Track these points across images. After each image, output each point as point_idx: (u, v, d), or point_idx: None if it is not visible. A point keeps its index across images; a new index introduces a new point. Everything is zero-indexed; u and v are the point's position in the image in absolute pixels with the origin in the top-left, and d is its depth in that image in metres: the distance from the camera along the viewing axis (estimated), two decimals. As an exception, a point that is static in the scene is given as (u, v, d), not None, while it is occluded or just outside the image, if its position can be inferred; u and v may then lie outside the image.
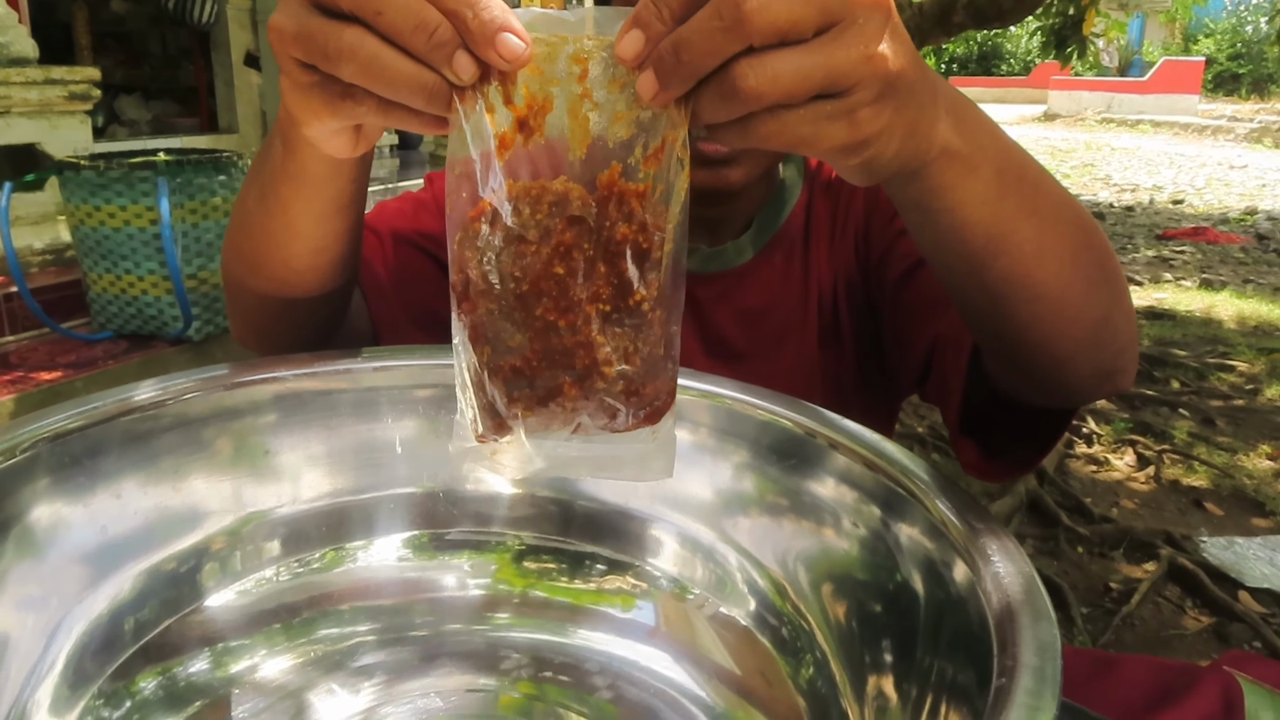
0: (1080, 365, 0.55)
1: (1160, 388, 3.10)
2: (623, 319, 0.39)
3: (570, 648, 0.59)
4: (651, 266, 0.39)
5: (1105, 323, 0.54)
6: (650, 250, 0.39)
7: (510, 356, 0.39)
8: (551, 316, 0.39)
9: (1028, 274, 0.50)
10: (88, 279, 2.38)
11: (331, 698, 0.55)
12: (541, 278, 0.38)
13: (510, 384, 0.40)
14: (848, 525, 0.53)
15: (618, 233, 0.38)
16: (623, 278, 0.39)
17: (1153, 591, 1.96)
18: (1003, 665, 0.38)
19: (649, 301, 0.39)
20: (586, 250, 0.39)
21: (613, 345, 0.39)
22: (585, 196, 0.38)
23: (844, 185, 0.84)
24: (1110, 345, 0.55)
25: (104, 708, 0.50)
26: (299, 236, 0.59)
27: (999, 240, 0.48)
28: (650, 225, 0.39)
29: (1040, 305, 0.51)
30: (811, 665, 0.53)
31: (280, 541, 0.59)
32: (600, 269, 0.39)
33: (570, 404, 0.40)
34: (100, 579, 0.52)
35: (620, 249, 0.39)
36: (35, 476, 0.50)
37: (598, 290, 0.39)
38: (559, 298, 0.39)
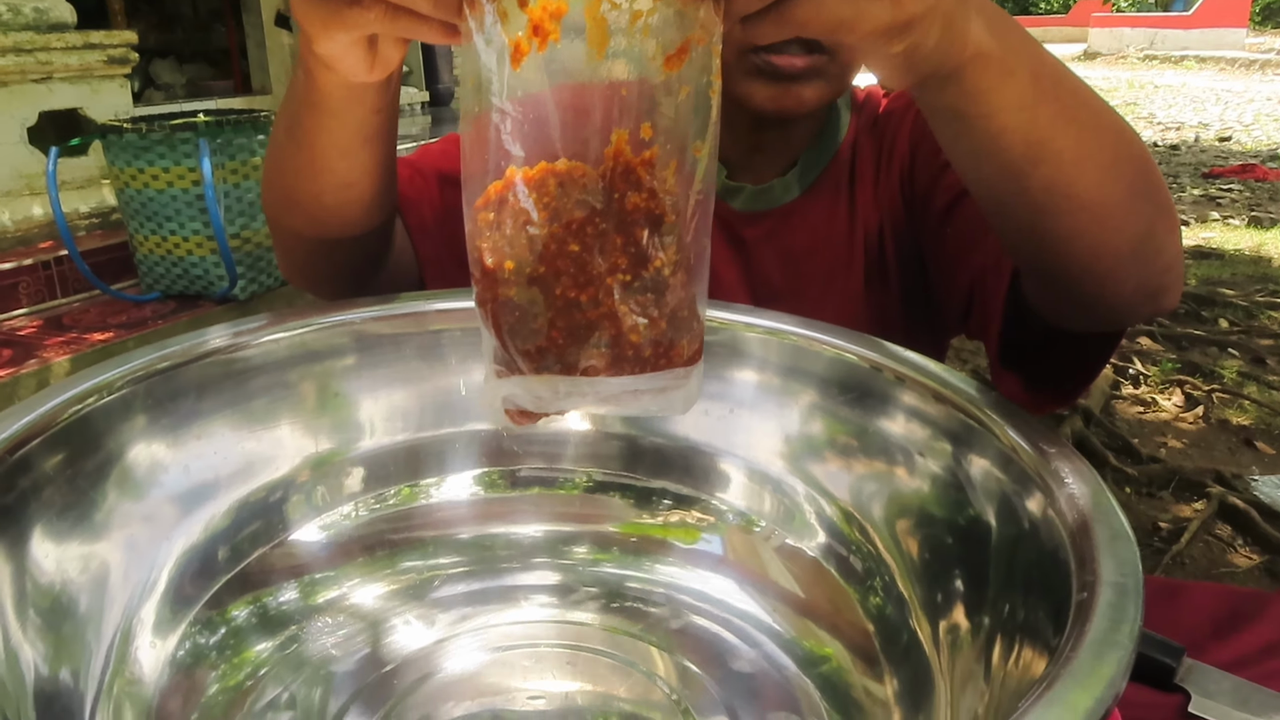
0: (1123, 282, 0.53)
1: (1208, 327, 3.04)
2: (644, 286, 0.39)
3: (639, 579, 0.61)
4: (667, 231, 0.39)
5: (1149, 237, 0.52)
6: (663, 215, 0.39)
7: (535, 339, 0.40)
8: (572, 294, 0.39)
9: (1069, 184, 0.49)
10: (134, 241, 2.42)
11: (408, 628, 0.57)
12: (557, 257, 0.38)
13: (538, 364, 0.40)
14: (919, 462, 0.53)
15: (628, 203, 0.38)
16: (639, 246, 0.39)
17: (1202, 530, 1.95)
18: (1082, 581, 0.38)
19: (668, 266, 0.39)
20: (599, 224, 0.39)
21: (637, 312, 0.40)
22: (590, 173, 0.38)
23: (889, 121, 0.83)
24: (1154, 261, 0.53)
25: (200, 633, 0.53)
26: (325, 171, 0.59)
27: (1038, 147, 0.47)
28: (660, 191, 0.39)
29: (1082, 217, 0.50)
30: (880, 592, 0.54)
31: (359, 478, 0.61)
32: (616, 240, 0.39)
33: (599, 373, 0.41)
34: (195, 509, 0.55)
35: (634, 218, 0.39)
36: (132, 415, 0.53)
37: (615, 261, 0.39)
38: (577, 274, 0.39)
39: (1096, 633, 0.35)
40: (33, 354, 2.21)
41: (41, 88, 2.62)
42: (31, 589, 0.47)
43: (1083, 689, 0.33)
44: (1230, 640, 0.62)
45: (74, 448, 0.51)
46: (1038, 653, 0.40)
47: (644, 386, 0.40)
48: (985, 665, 0.44)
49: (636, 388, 0.40)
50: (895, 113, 0.83)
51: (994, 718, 0.41)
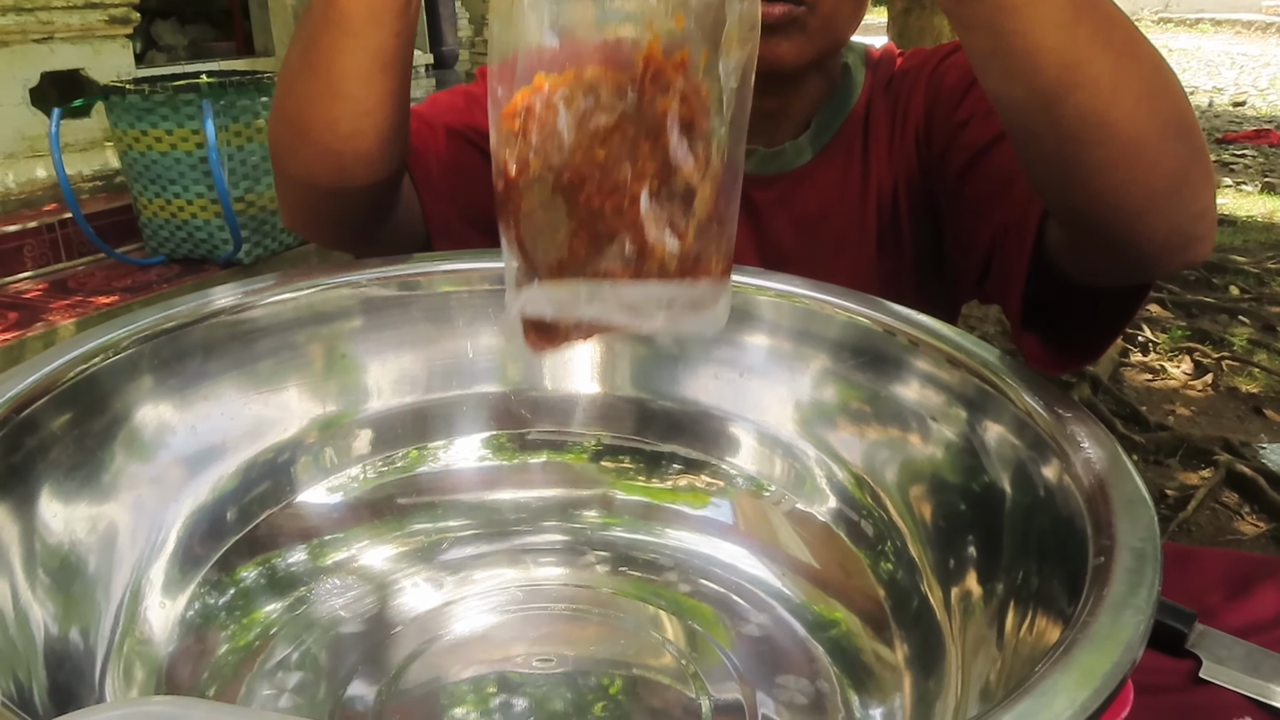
0: (1155, 224, 0.52)
1: (1219, 294, 3.02)
2: (672, 195, 0.38)
3: (648, 544, 0.61)
4: (698, 138, 0.37)
5: (1183, 178, 0.51)
6: (694, 120, 0.37)
7: (558, 251, 0.38)
8: (596, 202, 0.38)
9: (1103, 112, 0.47)
10: (138, 204, 2.41)
11: (417, 590, 0.57)
12: (583, 164, 0.37)
13: (559, 276, 0.39)
14: (933, 428, 0.53)
15: (658, 107, 0.37)
16: (668, 152, 0.37)
17: (1209, 498, 1.95)
18: (1099, 546, 0.38)
19: (698, 174, 0.38)
20: (628, 130, 0.37)
21: (663, 222, 0.38)
22: (620, 78, 0.37)
23: (904, 81, 0.82)
24: (1188, 205, 0.52)
25: (210, 594, 0.53)
26: (342, 96, 0.59)
27: (1072, 70, 0.46)
28: (690, 95, 0.37)
29: (1114, 148, 0.48)
30: (891, 557, 0.54)
31: (367, 440, 0.61)
32: (644, 146, 0.37)
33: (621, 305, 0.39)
34: (203, 470, 0.55)
35: (663, 123, 0.37)
36: (139, 376, 0.52)
37: (643, 169, 0.37)
38: (602, 181, 0.37)
39: (1114, 597, 0.35)
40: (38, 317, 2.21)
41: (43, 48, 2.59)
42: (40, 549, 0.47)
43: (1100, 653, 0.32)
44: (1241, 606, 0.62)
45: (81, 407, 0.50)
46: (1051, 620, 0.40)
47: (670, 295, 0.39)
48: (998, 632, 0.44)
49: (661, 296, 0.39)
50: (910, 72, 0.81)
51: (1006, 684, 0.41)
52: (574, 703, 0.49)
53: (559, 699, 0.49)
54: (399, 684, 0.50)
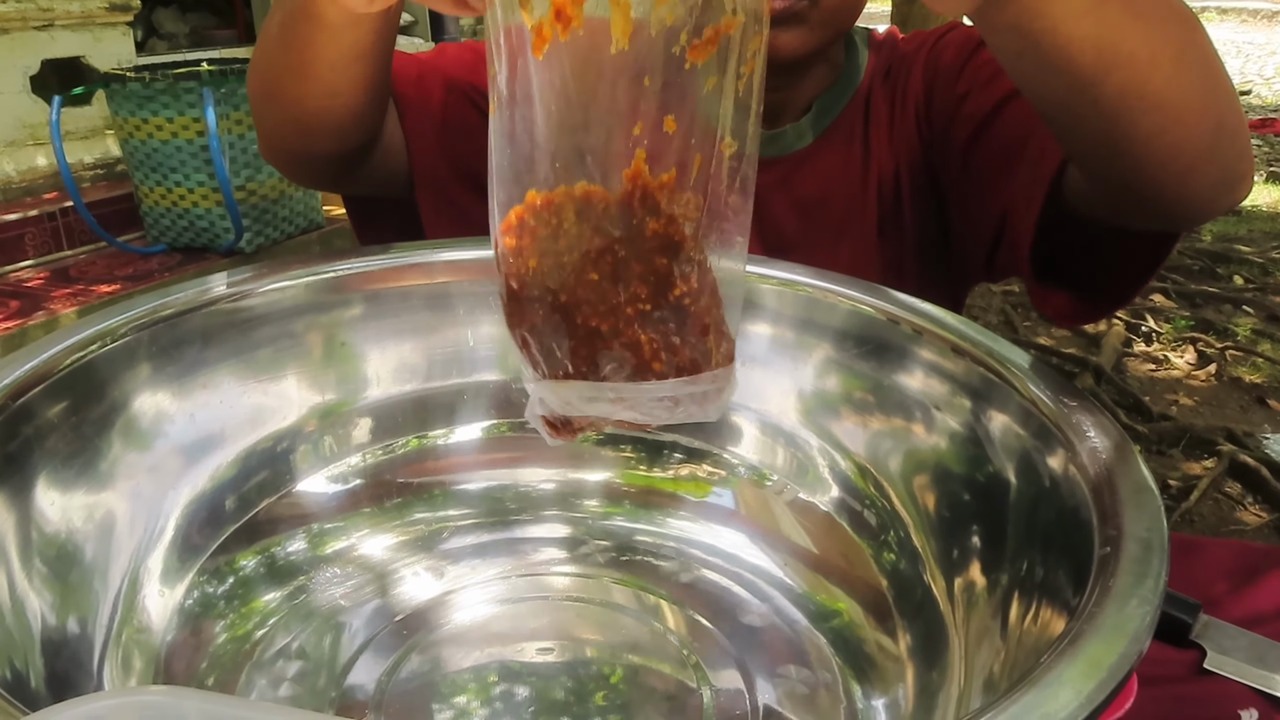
0: (1204, 174, 0.51)
1: (1223, 284, 3.01)
2: (665, 315, 0.38)
3: (649, 533, 0.60)
4: (685, 259, 0.38)
5: (1222, 125, 0.50)
6: (682, 242, 0.38)
7: (560, 365, 0.39)
8: (594, 322, 0.38)
9: (1142, 84, 0.46)
10: (139, 192, 2.40)
11: (417, 579, 0.57)
12: (578, 286, 0.38)
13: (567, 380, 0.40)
14: (937, 418, 0.52)
15: (647, 229, 0.37)
16: (658, 274, 0.38)
17: (1212, 488, 1.95)
18: (1105, 536, 0.37)
19: (689, 295, 0.38)
20: (618, 251, 0.37)
21: (659, 342, 0.39)
22: (607, 197, 0.37)
23: (902, 64, 0.81)
24: (1231, 148, 0.51)
25: (208, 583, 0.53)
26: (312, 78, 0.58)
27: (1109, 52, 0.45)
28: (678, 217, 0.37)
29: (1158, 116, 0.48)
30: (894, 548, 0.53)
31: (367, 429, 0.61)
32: (635, 268, 0.38)
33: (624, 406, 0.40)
34: (201, 458, 0.55)
35: (652, 245, 0.37)
36: (136, 364, 0.52)
37: (635, 290, 0.38)
38: (598, 303, 0.38)
39: (1121, 587, 0.34)
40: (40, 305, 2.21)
41: (43, 35, 2.58)
42: (37, 537, 0.46)
43: (1106, 644, 0.32)
44: (1246, 596, 0.62)
45: (78, 395, 0.50)
46: (1056, 611, 0.39)
47: (672, 392, 0.40)
48: (1002, 622, 0.44)
49: (663, 394, 0.39)
50: (908, 55, 0.80)
51: (1010, 675, 0.40)
52: (575, 691, 0.49)
53: (560, 688, 0.49)
54: (399, 673, 0.50)
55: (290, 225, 2.47)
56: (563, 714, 0.48)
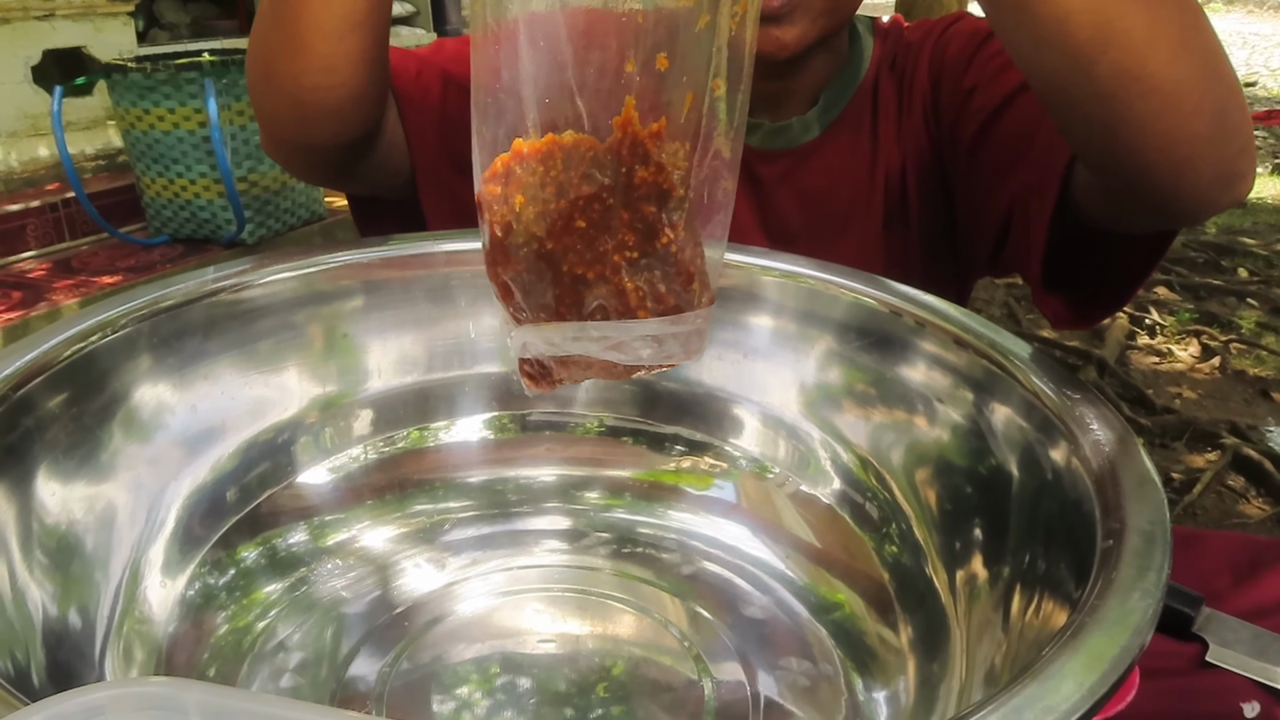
0: (1201, 168, 0.51)
1: (1227, 277, 3.00)
2: (651, 263, 0.38)
3: (651, 525, 0.60)
4: (675, 206, 0.38)
5: (1223, 117, 0.50)
6: (671, 190, 0.37)
7: (543, 312, 0.39)
8: (579, 270, 0.38)
9: (1140, 65, 0.46)
10: (141, 183, 2.40)
11: (418, 571, 0.57)
12: (564, 233, 0.37)
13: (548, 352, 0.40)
14: (940, 410, 0.52)
15: (636, 178, 0.37)
16: (646, 222, 0.38)
17: (1215, 481, 1.94)
18: (1108, 529, 0.37)
19: (676, 243, 0.38)
20: (606, 200, 0.37)
21: (644, 288, 0.39)
22: (596, 145, 0.37)
23: (908, 55, 0.80)
24: (1230, 143, 0.51)
25: (210, 574, 0.53)
26: (306, 50, 0.57)
27: (1105, 29, 0.45)
28: (668, 165, 0.37)
29: (1156, 99, 0.47)
30: (896, 540, 0.53)
31: (368, 421, 0.61)
32: (623, 216, 0.37)
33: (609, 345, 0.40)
34: (202, 450, 0.55)
35: (641, 193, 0.37)
36: (136, 355, 0.52)
37: (623, 238, 0.38)
38: (584, 251, 0.38)
39: (1123, 580, 0.34)
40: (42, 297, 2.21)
41: (45, 25, 2.58)
42: (38, 528, 0.46)
43: (1108, 636, 0.32)
44: (1249, 589, 0.61)
45: (78, 386, 0.50)
46: (1059, 604, 0.39)
47: (656, 331, 0.39)
48: (1004, 615, 0.44)
49: (647, 332, 0.39)
50: (913, 45, 0.80)
51: (1012, 668, 0.40)
52: (576, 683, 0.49)
53: (561, 680, 0.49)
54: (401, 665, 0.50)
55: (292, 217, 2.47)
56: (564, 706, 0.48)
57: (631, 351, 0.39)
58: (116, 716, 0.26)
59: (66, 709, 0.25)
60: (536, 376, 0.41)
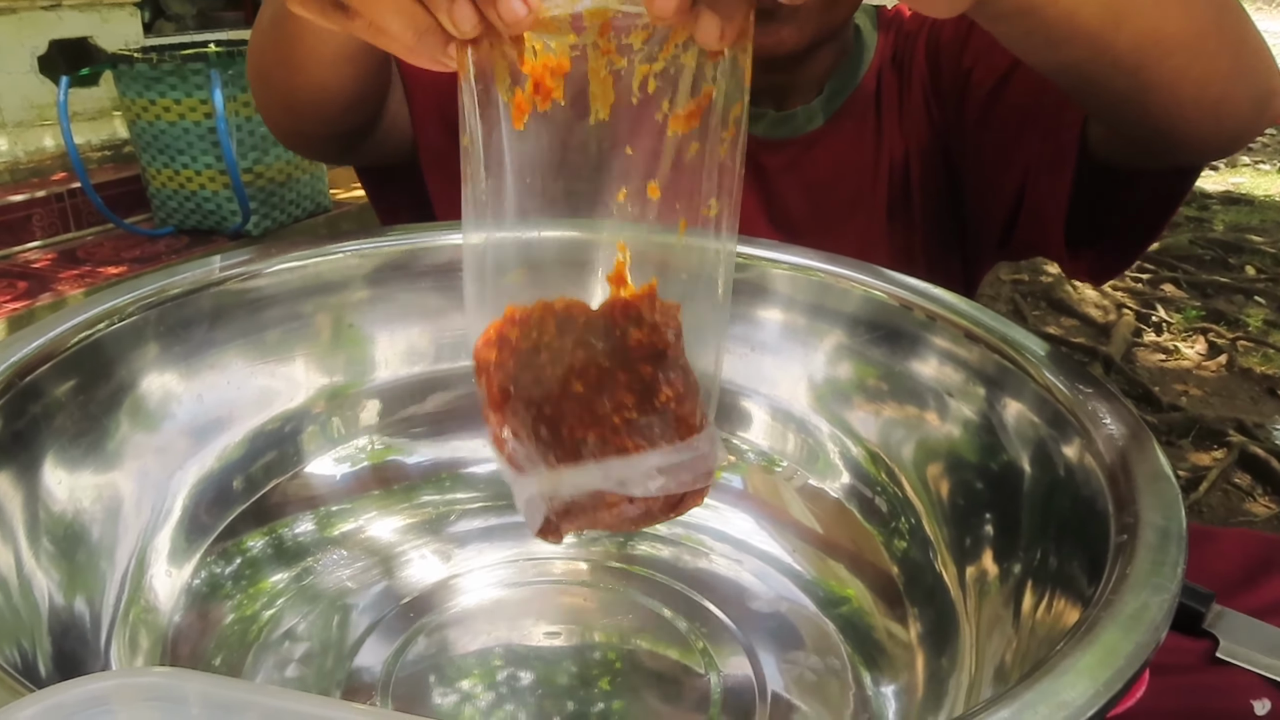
0: (1237, 97, 0.50)
1: (1235, 274, 2.99)
2: (650, 421, 0.38)
3: (658, 518, 0.60)
4: (670, 365, 0.37)
5: (1244, 43, 0.49)
6: (667, 350, 0.37)
7: (549, 470, 0.39)
8: (579, 434, 0.38)
9: (1156, 29, 0.45)
10: (147, 174, 2.40)
11: (425, 562, 0.57)
12: (562, 398, 0.37)
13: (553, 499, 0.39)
14: (951, 405, 0.52)
15: (630, 339, 0.37)
16: (644, 381, 0.37)
17: (1221, 479, 1.94)
18: (1122, 524, 0.37)
19: (674, 400, 0.38)
20: (602, 363, 0.37)
21: (645, 445, 0.38)
22: (587, 310, 0.37)
23: (907, 44, 0.80)
24: (1258, 66, 0.51)
25: (216, 563, 0.53)
26: (302, 71, 0.58)
27: (1115, 6, 0.44)
28: (661, 324, 0.37)
29: (1180, 56, 0.47)
30: (905, 535, 0.53)
31: (374, 411, 0.61)
32: (620, 378, 0.37)
33: (613, 503, 0.39)
34: (209, 439, 0.55)
35: (636, 354, 0.37)
36: (144, 343, 0.52)
37: (621, 400, 0.37)
38: (583, 414, 0.37)
39: (1137, 575, 0.34)
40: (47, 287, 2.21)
41: (51, 15, 2.58)
42: (44, 516, 0.46)
43: (1122, 632, 0.32)
44: (1260, 587, 0.61)
45: (85, 374, 0.50)
46: (1070, 601, 0.39)
47: (662, 462, 0.39)
48: (1014, 611, 0.43)
49: (653, 464, 0.38)
50: (911, 33, 0.79)
51: (1022, 664, 0.40)
52: (581, 676, 0.49)
53: (566, 672, 0.49)
54: (406, 655, 0.50)
55: (297, 208, 2.47)
56: (569, 698, 0.47)
57: (640, 485, 0.38)
58: (118, 706, 0.25)
59: (68, 698, 0.25)
60: (545, 530, 0.41)
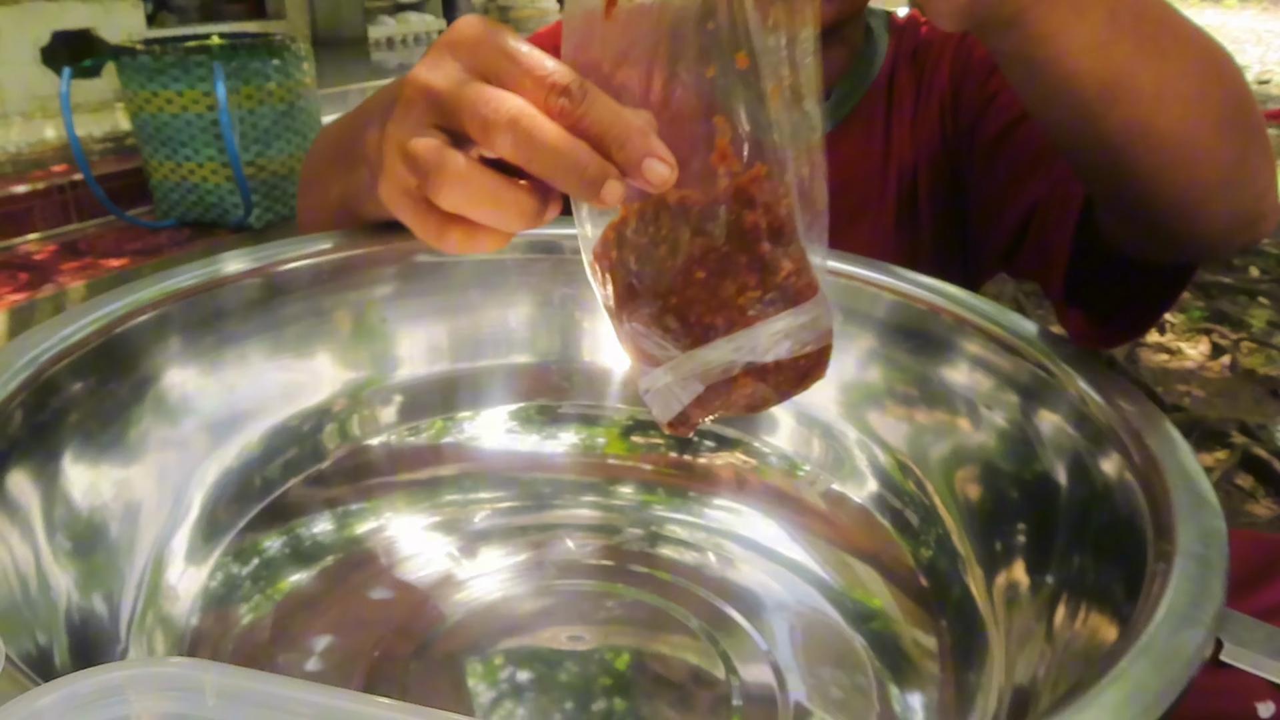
0: (1214, 213, 0.50)
1: (1239, 275, 2.99)
2: (774, 297, 0.38)
3: (683, 523, 0.59)
4: (788, 239, 0.37)
5: (1240, 164, 0.49)
6: (782, 227, 0.37)
7: (678, 371, 0.39)
8: (708, 319, 0.38)
9: (1148, 120, 0.45)
10: (149, 166, 2.39)
11: (445, 562, 0.56)
12: (686, 287, 0.37)
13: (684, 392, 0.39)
14: (983, 414, 0.51)
15: (746, 222, 0.37)
16: (764, 260, 0.37)
17: (1224, 480, 1.94)
18: (1160, 551, 0.36)
19: (794, 274, 0.38)
20: (721, 249, 0.37)
21: (770, 313, 0.38)
22: (700, 200, 0.37)
23: (928, 52, 0.79)
24: (1248, 188, 0.50)
25: (234, 563, 0.52)
26: (356, 215, 0.60)
27: (1113, 87, 0.44)
28: (772, 204, 0.37)
29: (1165, 153, 0.46)
30: (933, 545, 0.52)
31: (396, 409, 0.60)
32: (740, 260, 0.37)
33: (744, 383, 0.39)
34: (229, 436, 0.54)
35: (753, 235, 0.37)
36: (166, 338, 0.51)
37: (744, 281, 0.37)
38: (709, 300, 0.37)
39: (1173, 608, 0.32)
40: (48, 278, 2.21)
41: (53, 6, 2.56)
42: (64, 512, 0.46)
43: (1154, 668, 0.30)
44: (1265, 588, 0.61)
45: (106, 369, 0.49)
46: (1107, 618, 0.38)
47: (784, 326, 0.39)
48: (1047, 625, 0.43)
49: (776, 330, 0.38)
50: (935, 43, 0.79)
51: (1055, 680, 0.39)
52: (602, 680, 0.48)
53: (587, 676, 0.48)
54: (426, 656, 0.49)
55: (301, 201, 2.47)
56: (591, 701, 0.47)
57: (769, 351, 0.39)
58: (134, 696, 0.25)
59: (83, 688, 0.25)
60: (675, 423, 0.41)
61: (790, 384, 0.40)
